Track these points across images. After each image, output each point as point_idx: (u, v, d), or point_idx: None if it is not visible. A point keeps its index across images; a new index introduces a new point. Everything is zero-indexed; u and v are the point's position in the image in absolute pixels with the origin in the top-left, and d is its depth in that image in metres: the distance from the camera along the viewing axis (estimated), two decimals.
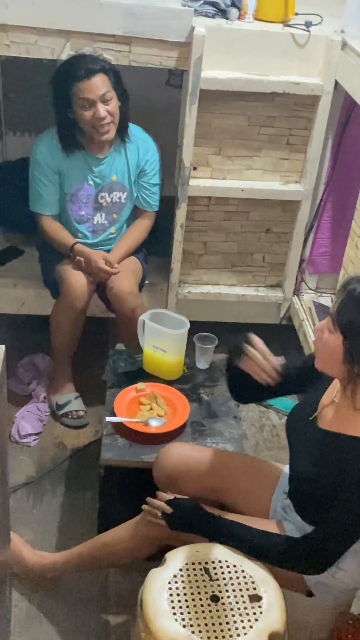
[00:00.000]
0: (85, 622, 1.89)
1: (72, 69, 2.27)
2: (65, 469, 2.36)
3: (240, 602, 1.51)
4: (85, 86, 2.25)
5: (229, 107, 2.51)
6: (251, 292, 2.88)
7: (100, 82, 2.26)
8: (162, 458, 1.86)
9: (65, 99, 2.30)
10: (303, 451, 1.61)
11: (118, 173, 2.46)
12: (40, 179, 2.42)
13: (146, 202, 2.54)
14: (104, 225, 2.52)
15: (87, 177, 2.43)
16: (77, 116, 2.32)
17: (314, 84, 2.46)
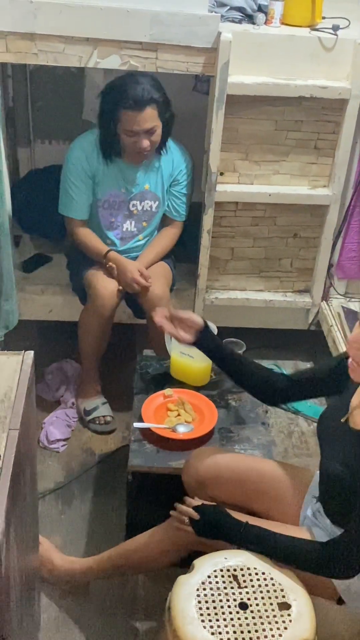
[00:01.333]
0: (113, 629, 1.89)
1: (123, 93, 2.26)
2: (93, 474, 2.37)
3: (269, 610, 1.50)
4: (133, 118, 2.26)
5: (256, 112, 2.50)
6: (279, 297, 2.86)
7: (148, 116, 2.26)
8: (192, 462, 1.85)
9: (112, 118, 2.30)
10: (334, 452, 1.59)
11: (151, 182, 2.46)
12: (73, 182, 2.42)
13: (176, 210, 2.55)
14: (133, 232, 2.52)
15: (120, 185, 2.44)
16: (120, 137, 2.33)
17: (342, 88, 2.45)
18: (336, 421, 1.61)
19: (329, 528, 1.63)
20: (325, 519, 1.64)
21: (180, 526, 1.68)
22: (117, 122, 2.29)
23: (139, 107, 2.24)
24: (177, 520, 1.69)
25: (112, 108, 2.27)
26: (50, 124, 3.21)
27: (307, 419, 2.64)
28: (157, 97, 2.27)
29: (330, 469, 1.59)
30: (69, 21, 2.25)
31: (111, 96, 2.28)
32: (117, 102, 2.26)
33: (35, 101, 3.17)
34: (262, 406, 2.22)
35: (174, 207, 2.54)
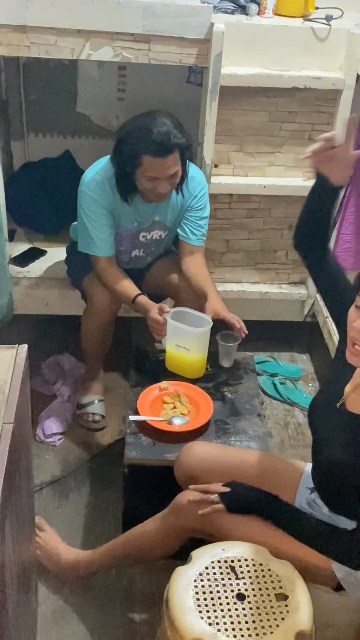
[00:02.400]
0: (111, 620, 1.89)
1: (146, 137, 2.08)
2: (89, 468, 2.37)
3: (266, 601, 1.50)
4: (156, 164, 2.11)
5: (250, 103, 2.49)
6: (274, 289, 2.86)
7: (172, 162, 2.12)
8: (183, 457, 1.85)
9: (133, 162, 2.13)
10: (332, 437, 1.59)
11: (161, 214, 2.36)
12: (94, 219, 2.26)
13: (194, 234, 2.38)
14: (141, 257, 2.47)
15: (134, 220, 2.34)
16: (137, 179, 2.17)
17: (336, 78, 2.44)
18: (330, 408, 1.61)
19: (327, 517, 1.63)
20: (323, 508, 1.64)
21: (205, 511, 1.66)
22: (137, 166, 2.13)
23: (162, 154, 2.09)
24: (200, 502, 1.67)
25: (133, 152, 2.11)
26: (43, 117, 3.20)
27: (303, 410, 2.64)
28: (181, 142, 2.12)
29: (330, 455, 1.59)
30: (61, 13, 2.24)
31: (133, 139, 2.11)
32: (139, 146, 2.10)
33: (29, 94, 3.16)
34: (258, 397, 2.22)
35: (191, 231, 2.38)
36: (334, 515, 1.62)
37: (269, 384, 2.76)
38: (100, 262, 2.31)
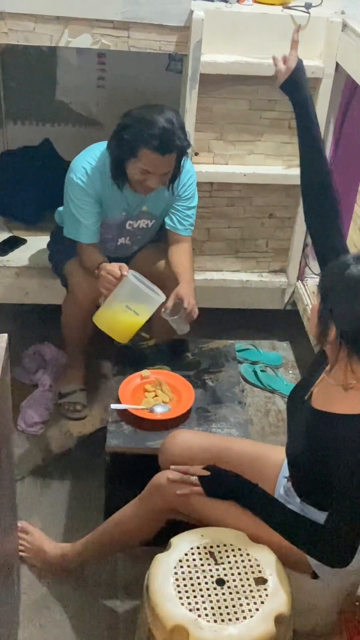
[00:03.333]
0: (93, 609, 1.90)
1: (150, 130, 2.07)
2: (72, 456, 2.37)
3: (246, 585, 1.52)
4: (153, 160, 2.11)
5: (230, 91, 2.49)
6: (255, 277, 2.87)
7: (168, 161, 2.14)
8: (167, 445, 1.86)
9: (131, 151, 2.12)
10: (297, 431, 1.62)
11: (149, 204, 2.35)
12: (81, 206, 2.24)
13: (181, 224, 2.37)
14: (127, 245, 2.47)
15: (122, 209, 2.33)
16: (129, 167, 2.16)
17: (315, 67, 2.44)
18: (301, 400, 1.63)
19: (299, 506, 1.65)
20: (296, 497, 1.66)
21: (185, 491, 1.67)
22: (133, 156, 2.13)
23: (162, 151, 2.09)
24: (180, 482, 1.69)
25: (133, 141, 2.10)
26: (22, 104, 3.18)
27: (284, 397, 2.66)
28: (182, 144, 2.13)
29: (294, 449, 1.62)
30: None
31: (137, 128, 2.09)
32: (141, 137, 2.08)
33: (7, 81, 3.13)
34: (239, 385, 2.24)
35: (179, 221, 2.37)
36: (304, 506, 1.64)
37: (249, 372, 2.78)
38: (84, 248, 2.30)
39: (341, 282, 1.43)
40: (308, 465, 1.57)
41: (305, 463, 1.57)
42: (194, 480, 1.68)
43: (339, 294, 1.43)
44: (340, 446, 1.47)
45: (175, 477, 1.70)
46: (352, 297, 1.41)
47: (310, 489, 1.61)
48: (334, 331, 1.45)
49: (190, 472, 1.71)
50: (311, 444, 1.55)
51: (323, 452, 1.51)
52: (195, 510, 1.69)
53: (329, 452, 1.49)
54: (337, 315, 1.44)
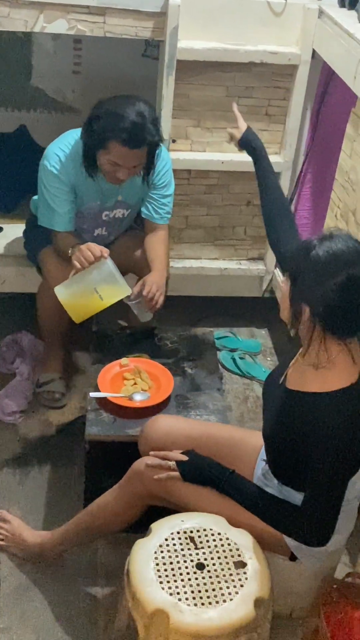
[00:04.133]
0: (74, 595, 1.91)
1: (119, 123, 2.05)
2: (51, 445, 2.37)
3: (225, 569, 1.53)
4: (121, 153, 2.09)
5: (207, 77, 2.48)
6: (233, 265, 2.88)
7: (137, 156, 2.12)
8: (147, 430, 1.87)
9: (100, 142, 2.10)
10: (272, 413, 1.63)
11: (124, 193, 2.33)
12: (55, 194, 2.22)
13: (157, 213, 2.36)
14: (104, 235, 2.45)
15: (97, 198, 2.31)
16: (101, 159, 2.15)
17: (292, 54, 2.44)
18: (276, 382, 1.65)
19: (277, 488, 1.67)
20: (274, 480, 1.68)
21: (160, 476, 1.68)
22: (102, 147, 2.11)
23: (131, 145, 2.06)
24: (158, 468, 1.70)
25: (102, 133, 2.08)
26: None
27: (262, 383, 2.68)
28: (152, 139, 2.11)
29: (269, 430, 1.64)
30: None
31: (106, 120, 2.07)
32: (110, 130, 2.06)
33: None
34: (218, 372, 2.25)
35: (155, 210, 2.35)
36: (282, 487, 1.66)
37: (228, 359, 2.79)
38: (58, 236, 2.28)
39: (308, 264, 1.45)
40: (283, 446, 1.59)
41: (281, 444, 1.59)
42: (172, 466, 1.69)
43: (307, 275, 1.46)
44: (314, 424, 1.49)
45: (154, 463, 1.71)
46: (319, 276, 1.43)
47: (286, 470, 1.63)
48: (307, 312, 1.47)
49: (169, 457, 1.72)
50: (286, 424, 1.57)
51: (297, 431, 1.53)
52: (173, 495, 1.70)
53: (304, 431, 1.51)
54: (307, 296, 1.46)
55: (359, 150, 2.06)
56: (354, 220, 2.10)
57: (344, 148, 2.19)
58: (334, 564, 1.80)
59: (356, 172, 2.08)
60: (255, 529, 1.63)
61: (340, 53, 2.18)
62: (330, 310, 1.44)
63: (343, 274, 1.41)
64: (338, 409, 1.48)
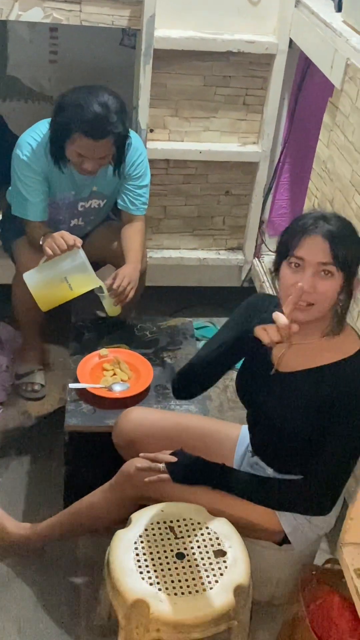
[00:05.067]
0: (55, 586, 1.91)
1: (82, 114, 2.02)
2: (30, 436, 2.36)
3: (205, 558, 1.54)
4: (86, 144, 2.06)
5: (184, 67, 2.47)
6: (212, 255, 2.88)
7: (103, 147, 2.08)
8: (120, 423, 1.87)
9: (64, 134, 2.08)
10: (269, 402, 1.61)
11: (98, 184, 2.31)
12: (27, 184, 2.20)
13: (133, 204, 2.33)
14: (80, 226, 2.43)
15: (70, 188, 2.28)
16: (68, 150, 2.12)
17: (269, 43, 2.44)
18: (263, 375, 1.62)
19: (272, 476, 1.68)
20: (266, 470, 1.69)
21: (151, 479, 1.67)
22: (67, 139, 2.08)
23: (95, 136, 2.03)
24: (147, 470, 1.69)
25: (66, 125, 2.05)
26: None
27: None
28: (117, 130, 2.06)
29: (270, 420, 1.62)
30: None
31: (69, 112, 2.04)
32: (73, 121, 2.04)
33: None
34: None
35: (130, 201, 2.32)
36: (279, 475, 1.67)
37: None
38: (31, 226, 2.27)
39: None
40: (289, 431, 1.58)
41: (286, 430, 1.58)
42: (161, 468, 1.69)
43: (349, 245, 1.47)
44: (340, 392, 1.49)
45: (143, 466, 1.70)
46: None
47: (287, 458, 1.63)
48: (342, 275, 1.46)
49: (159, 459, 1.71)
50: (289, 405, 1.56)
51: (320, 406, 1.52)
52: (165, 496, 1.69)
53: (325, 405, 1.50)
54: (352, 260, 1.47)
55: (336, 140, 2.07)
56: (331, 210, 2.10)
57: (321, 137, 2.20)
58: (314, 551, 1.82)
59: (333, 162, 2.09)
60: (250, 517, 1.64)
61: (317, 42, 2.18)
62: None
63: None
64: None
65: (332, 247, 1.43)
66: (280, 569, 1.78)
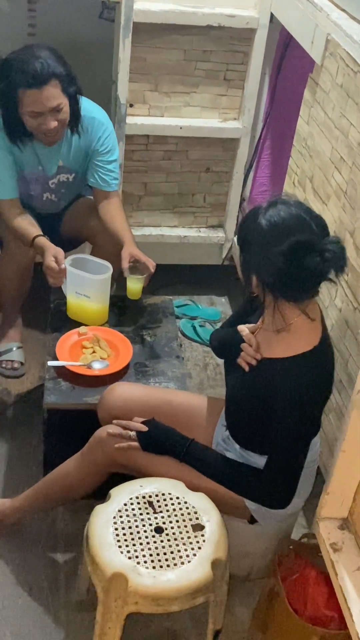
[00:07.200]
0: (34, 562, 1.92)
1: (19, 71, 1.99)
2: (9, 414, 2.36)
3: (183, 532, 1.55)
4: (34, 97, 2.01)
5: (164, 41, 2.44)
6: (193, 233, 2.87)
7: (51, 93, 2.02)
8: (105, 398, 1.87)
9: (11, 99, 2.04)
10: (236, 378, 1.65)
11: (63, 158, 2.28)
12: None
13: (104, 181, 2.30)
14: (53, 200, 2.40)
15: (37, 164, 2.26)
16: (24, 119, 2.08)
17: (249, 17, 2.42)
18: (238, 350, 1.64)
19: (238, 452, 1.69)
20: (235, 444, 1.70)
21: (123, 444, 1.69)
22: (17, 103, 2.04)
23: (38, 85, 1.99)
24: (119, 437, 1.71)
25: (9, 88, 2.02)
26: None
27: None
28: (58, 71, 2.01)
29: (232, 394, 1.66)
30: None
31: (6, 74, 2.01)
32: (14, 81, 2.00)
33: None
34: (177, 340, 2.25)
35: (101, 178, 2.29)
36: (244, 451, 1.68)
37: (188, 327, 2.80)
38: (3, 205, 2.24)
39: (254, 233, 1.46)
40: (247, 410, 1.61)
41: (245, 408, 1.61)
42: (132, 435, 1.70)
43: (253, 244, 1.47)
44: (279, 388, 1.52)
45: (115, 432, 1.72)
46: (264, 245, 1.44)
47: (248, 435, 1.65)
48: (255, 280, 1.48)
49: (130, 427, 1.72)
50: (251, 389, 1.59)
51: (263, 396, 1.55)
52: (134, 463, 1.71)
53: (269, 395, 1.53)
54: (254, 265, 1.48)
55: (316, 117, 2.06)
56: (311, 187, 2.10)
57: (301, 114, 2.18)
58: (291, 525, 1.84)
59: (313, 139, 2.08)
60: (215, 494, 1.65)
61: (298, 17, 2.16)
62: (277, 278, 1.45)
63: (284, 242, 1.42)
64: (300, 373, 1.51)
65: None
66: (258, 543, 1.80)
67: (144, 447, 1.69)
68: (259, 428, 1.59)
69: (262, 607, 1.75)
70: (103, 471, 1.77)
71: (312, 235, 1.43)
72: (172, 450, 1.69)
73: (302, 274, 1.44)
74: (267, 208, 1.46)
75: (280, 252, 1.41)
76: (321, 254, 1.42)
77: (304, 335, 1.54)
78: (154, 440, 1.70)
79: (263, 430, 1.57)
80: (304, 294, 1.50)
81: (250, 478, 1.63)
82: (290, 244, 1.41)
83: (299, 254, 1.42)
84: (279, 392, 1.51)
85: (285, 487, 1.58)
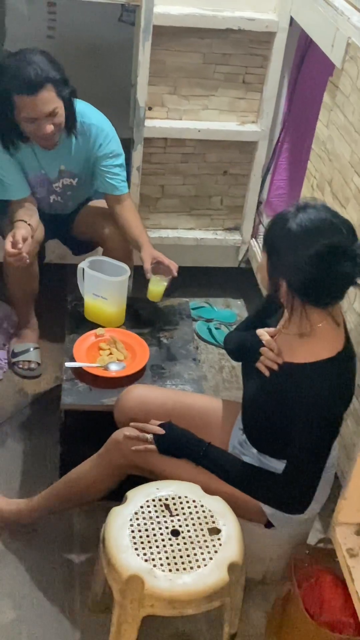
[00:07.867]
0: (50, 562, 1.92)
1: (13, 77, 2.00)
2: (26, 415, 2.37)
3: (200, 536, 1.55)
4: (29, 103, 2.02)
5: (183, 44, 2.45)
6: (209, 235, 2.87)
7: (46, 98, 2.03)
8: (122, 400, 1.88)
9: (6, 105, 2.05)
10: (254, 382, 1.65)
11: (65, 162, 2.29)
12: (1, 166, 2.22)
13: (112, 186, 2.31)
14: (59, 202, 2.42)
15: (39, 168, 2.27)
16: (20, 124, 2.10)
17: (269, 20, 2.42)
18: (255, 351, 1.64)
19: (255, 456, 1.69)
20: (252, 448, 1.70)
21: (140, 447, 1.70)
22: (13, 109, 2.05)
23: (32, 90, 2.00)
24: (136, 440, 1.71)
25: (3, 93, 2.03)
26: None
27: None
28: (52, 75, 2.02)
29: (252, 398, 1.65)
30: None
31: (3, 80, 2.02)
32: (8, 87, 2.01)
33: None
34: (193, 342, 2.25)
35: (109, 183, 2.31)
36: (261, 455, 1.68)
37: (204, 329, 2.80)
38: (13, 204, 2.27)
39: (282, 238, 1.45)
40: (267, 414, 1.60)
41: (264, 412, 1.61)
42: (149, 438, 1.70)
43: (282, 249, 1.46)
44: (301, 394, 1.51)
45: (132, 434, 1.72)
46: (293, 250, 1.44)
47: (266, 439, 1.65)
48: (284, 285, 1.48)
49: (147, 429, 1.73)
50: (271, 394, 1.59)
51: (283, 401, 1.54)
52: (150, 466, 1.71)
53: (290, 400, 1.53)
54: (284, 269, 1.47)
55: (335, 120, 2.05)
56: (330, 191, 2.10)
57: (320, 117, 2.18)
58: (307, 530, 1.83)
59: (332, 142, 2.08)
60: (232, 498, 1.65)
61: (318, 21, 2.16)
62: (307, 282, 1.44)
63: (316, 246, 1.41)
64: (324, 378, 1.50)
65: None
66: (274, 548, 1.79)
67: (160, 450, 1.69)
68: (278, 432, 1.59)
69: (277, 611, 1.75)
70: (119, 473, 1.77)
71: (343, 239, 1.42)
72: (189, 454, 1.69)
73: (332, 279, 1.44)
74: (297, 212, 1.45)
75: (312, 256, 1.41)
76: (353, 258, 1.41)
77: (328, 341, 1.53)
78: (171, 444, 1.70)
79: (282, 434, 1.57)
80: (332, 298, 1.49)
81: (269, 482, 1.62)
82: (322, 248, 1.41)
83: (330, 259, 1.41)
84: (301, 398, 1.51)
85: (304, 493, 1.57)
